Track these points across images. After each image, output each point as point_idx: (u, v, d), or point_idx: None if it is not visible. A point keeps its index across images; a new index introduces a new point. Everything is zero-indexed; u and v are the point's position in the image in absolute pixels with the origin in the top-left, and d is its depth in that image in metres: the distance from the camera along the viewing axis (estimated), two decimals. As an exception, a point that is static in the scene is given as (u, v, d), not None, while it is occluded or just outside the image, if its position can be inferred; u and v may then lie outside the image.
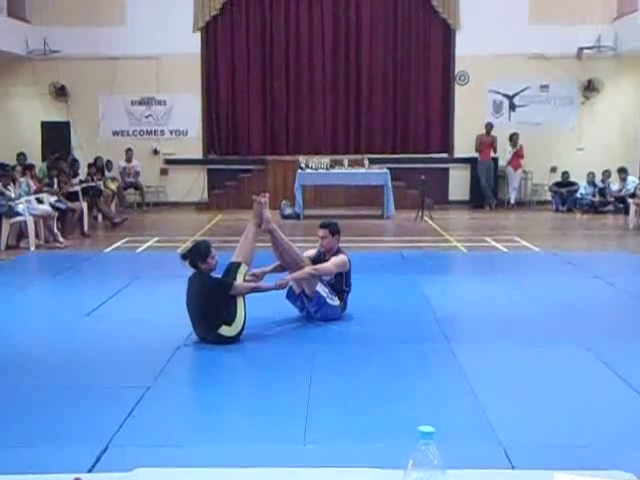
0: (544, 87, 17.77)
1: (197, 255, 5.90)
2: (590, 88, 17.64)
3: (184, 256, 6.00)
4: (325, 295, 6.62)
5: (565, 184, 17.04)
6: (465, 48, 17.45)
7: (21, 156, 15.34)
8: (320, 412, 4.55)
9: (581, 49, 17.23)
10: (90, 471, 3.56)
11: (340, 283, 6.81)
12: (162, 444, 4.11)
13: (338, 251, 6.81)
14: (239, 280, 6.03)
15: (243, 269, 6.10)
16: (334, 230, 6.80)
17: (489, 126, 17.27)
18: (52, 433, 4.29)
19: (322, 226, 6.83)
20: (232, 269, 6.10)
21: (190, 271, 6.05)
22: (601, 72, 17.57)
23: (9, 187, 11.89)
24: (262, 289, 6.19)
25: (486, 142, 17.21)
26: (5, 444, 4.09)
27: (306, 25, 17.89)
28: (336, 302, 6.74)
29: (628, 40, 16.71)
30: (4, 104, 17.85)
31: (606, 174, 16.75)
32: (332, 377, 5.25)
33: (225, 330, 5.89)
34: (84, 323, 6.84)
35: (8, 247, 11.55)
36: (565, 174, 17.12)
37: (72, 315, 7.11)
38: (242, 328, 6.01)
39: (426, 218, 14.75)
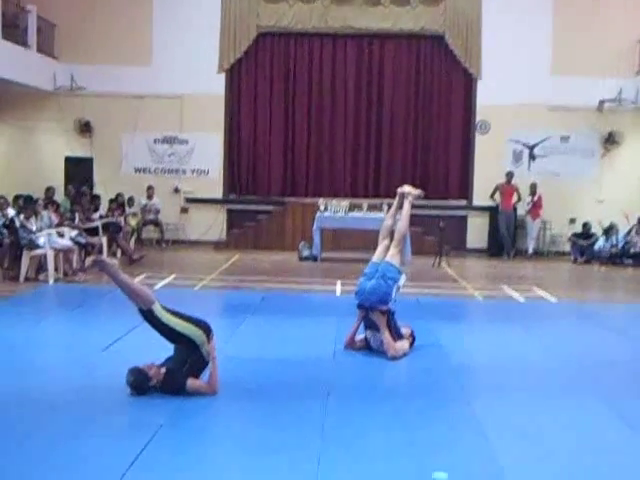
0: (565, 138, 17.82)
1: (144, 380, 5.62)
2: (611, 141, 17.68)
3: (134, 387, 5.64)
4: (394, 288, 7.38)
5: (584, 236, 16.95)
6: (486, 97, 17.58)
7: (50, 190, 15.42)
8: (334, 460, 4.52)
9: (602, 102, 17.31)
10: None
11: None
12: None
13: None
14: (161, 312, 5.74)
15: (158, 307, 5.76)
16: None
17: (510, 175, 17.28)
18: (66, 468, 4.29)
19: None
20: (150, 316, 5.76)
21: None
22: (622, 125, 17.62)
23: (31, 220, 12.02)
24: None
25: (507, 191, 17.21)
26: (20, 477, 4.10)
27: (329, 70, 18.12)
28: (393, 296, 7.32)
29: (649, 94, 16.79)
30: (30, 139, 18.11)
31: (614, 229, 16.65)
32: (345, 426, 5.21)
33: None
34: (100, 358, 6.88)
35: (27, 279, 11.64)
36: (586, 225, 17.02)
37: (89, 350, 7.15)
38: (207, 333, 5.80)
39: (444, 265, 14.74)
